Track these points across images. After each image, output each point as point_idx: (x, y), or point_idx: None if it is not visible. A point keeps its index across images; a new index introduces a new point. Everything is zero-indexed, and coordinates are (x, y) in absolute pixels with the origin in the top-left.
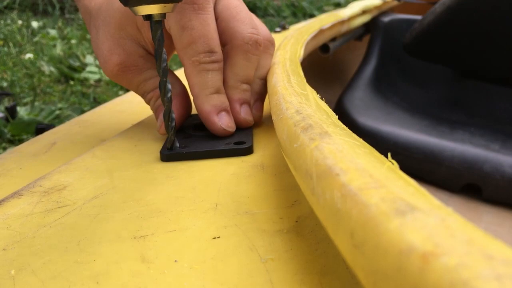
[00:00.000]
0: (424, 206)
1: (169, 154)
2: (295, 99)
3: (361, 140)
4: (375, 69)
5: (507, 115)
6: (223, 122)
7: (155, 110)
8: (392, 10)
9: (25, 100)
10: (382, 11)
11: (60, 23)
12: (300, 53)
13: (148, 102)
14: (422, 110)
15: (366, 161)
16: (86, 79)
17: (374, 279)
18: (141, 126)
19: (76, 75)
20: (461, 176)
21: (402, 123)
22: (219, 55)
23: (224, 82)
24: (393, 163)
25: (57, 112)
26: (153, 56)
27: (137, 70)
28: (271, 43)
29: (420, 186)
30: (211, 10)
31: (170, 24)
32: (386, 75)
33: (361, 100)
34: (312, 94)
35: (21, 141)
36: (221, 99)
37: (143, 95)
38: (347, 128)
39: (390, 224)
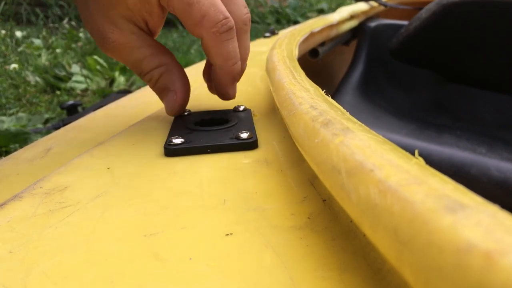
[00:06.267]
0: (471, 203)
1: (173, 149)
2: (306, 94)
3: (381, 136)
4: (362, 73)
5: (492, 118)
6: (234, 92)
7: (157, 92)
8: (378, 15)
9: (11, 111)
10: (368, 17)
11: (44, 33)
12: (296, 53)
13: (148, 83)
14: (409, 114)
15: (397, 157)
16: (73, 89)
17: (426, 275)
18: (136, 127)
19: (62, 85)
20: None
21: (390, 127)
22: (232, 20)
23: None
24: (419, 160)
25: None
26: (146, 33)
27: (129, 48)
28: None
29: (455, 182)
30: None
31: (174, 4)
32: (373, 79)
33: (349, 105)
34: (318, 90)
35: (8, 152)
36: (238, 69)
37: (140, 76)
38: (363, 125)
39: (442, 221)
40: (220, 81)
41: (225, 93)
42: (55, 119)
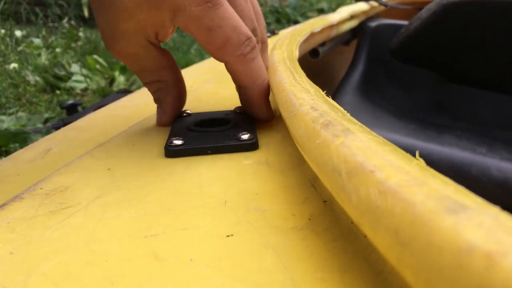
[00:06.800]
0: (472, 204)
1: (174, 150)
2: (307, 96)
3: (381, 137)
4: (363, 73)
5: (492, 118)
6: (271, 110)
7: (154, 99)
8: (378, 15)
9: (10, 111)
10: (369, 16)
11: (44, 32)
12: (296, 53)
13: (149, 91)
14: (409, 113)
15: (397, 158)
16: (72, 88)
17: (427, 276)
18: (137, 128)
19: (62, 84)
20: None
21: (390, 127)
22: (253, 37)
23: None
24: (420, 161)
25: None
26: (155, 44)
27: (134, 59)
28: None
29: (456, 184)
30: (224, 1)
31: (191, 28)
32: (373, 79)
33: (349, 105)
34: (319, 91)
35: (8, 151)
36: (267, 85)
37: (143, 83)
38: (364, 126)
39: (443, 222)
40: (254, 102)
41: (262, 113)
42: (55, 118)
